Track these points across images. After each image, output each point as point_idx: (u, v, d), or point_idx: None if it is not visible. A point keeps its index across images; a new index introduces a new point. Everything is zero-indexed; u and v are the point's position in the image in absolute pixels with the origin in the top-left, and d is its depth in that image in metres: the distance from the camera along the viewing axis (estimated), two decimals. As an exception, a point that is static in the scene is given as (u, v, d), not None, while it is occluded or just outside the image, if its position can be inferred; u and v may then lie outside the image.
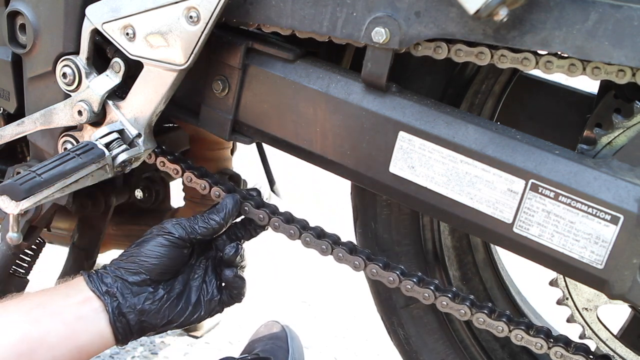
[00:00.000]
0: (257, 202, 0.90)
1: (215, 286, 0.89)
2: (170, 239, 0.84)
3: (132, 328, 0.82)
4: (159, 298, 0.83)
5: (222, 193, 0.90)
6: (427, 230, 0.95)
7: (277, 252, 2.08)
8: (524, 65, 0.71)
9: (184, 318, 0.86)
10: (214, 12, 0.77)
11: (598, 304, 0.80)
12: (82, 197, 1.03)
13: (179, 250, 0.84)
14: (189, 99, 0.90)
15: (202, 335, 1.68)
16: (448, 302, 0.81)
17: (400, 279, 0.83)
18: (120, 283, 0.82)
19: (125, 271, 0.82)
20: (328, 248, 0.86)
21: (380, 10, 0.73)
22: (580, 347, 0.79)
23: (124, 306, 0.81)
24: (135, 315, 0.82)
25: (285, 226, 0.87)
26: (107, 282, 0.81)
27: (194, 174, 0.92)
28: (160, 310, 0.83)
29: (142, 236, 0.86)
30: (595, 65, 0.67)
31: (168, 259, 0.84)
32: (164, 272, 0.84)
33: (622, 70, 0.66)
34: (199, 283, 0.88)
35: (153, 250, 0.83)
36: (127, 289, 0.82)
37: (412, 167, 0.76)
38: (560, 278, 0.81)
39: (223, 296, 0.89)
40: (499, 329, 0.80)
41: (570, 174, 0.68)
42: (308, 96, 0.81)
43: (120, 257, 0.85)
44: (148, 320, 0.83)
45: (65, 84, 0.90)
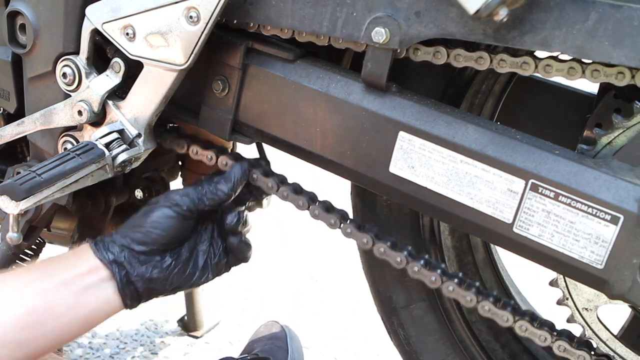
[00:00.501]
0: (266, 171, 0.89)
1: (221, 249, 0.88)
2: (177, 210, 0.83)
3: (140, 295, 0.82)
4: (167, 266, 0.83)
5: (230, 162, 0.88)
6: (427, 230, 0.95)
7: (277, 252, 2.09)
8: (523, 69, 0.71)
9: (192, 281, 0.86)
10: (214, 12, 0.77)
11: (598, 304, 0.80)
12: (82, 197, 1.03)
13: (186, 221, 0.84)
14: (189, 99, 0.90)
15: (202, 335, 1.68)
16: (455, 287, 0.80)
17: (407, 261, 0.82)
18: (127, 252, 0.81)
19: (131, 240, 0.82)
20: (336, 222, 0.85)
21: (380, 10, 0.73)
22: (583, 342, 0.78)
23: (132, 275, 0.81)
24: (143, 283, 0.81)
25: (294, 196, 0.86)
26: (113, 251, 0.81)
27: (199, 147, 0.90)
28: (168, 278, 0.83)
29: (148, 203, 0.85)
30: (594, 68, 0.67)
31: (175, 230, 0.83)
32: (171, 242, 0.83)
33: (621, 73, 0.66)
34: (206, 247, 0.87)
35: (160, 222, 0.82)
36: (134, 258, 0.81)
37: (412, 167, 0.76)
38: (560, 278, 0.81)
39: (229, 258, 0.89)
40: (504, 318, 0.79)
41: (570, 174, 0.68)
42: (308, 96, 0.81)
43: (127, 225, 0.84)
44: (156, 287, 0.83)
45: (65, 84, 0.90)
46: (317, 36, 0.79)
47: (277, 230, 2.17)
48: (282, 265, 2.07)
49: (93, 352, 1.59)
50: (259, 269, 1.95)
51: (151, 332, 1.69)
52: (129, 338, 1.66)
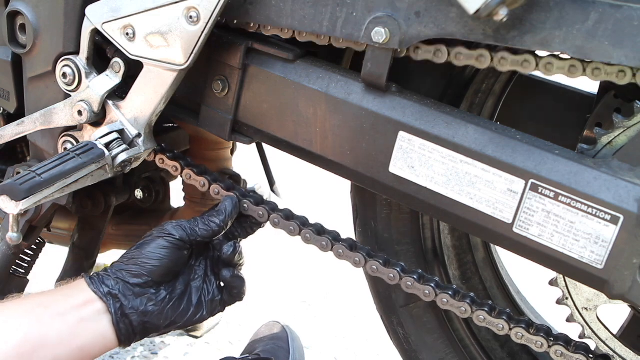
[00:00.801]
0: (257, 200, 0.90)
1: (215, 286, 0.89)
2: (171, 240, 0.84)
3: (135, 329, 0.82)
4: (162, 299, 0.83)
5: (222, 191, 0.90)
6: (427, 229, 0.95)
7: (277, 252, 2.08)
8: (524, 67, 0.71)
9: (186, 318, 0.86)
10: (213, 12, 0.77)
11: (598, 303, 0.80)
12: (82, 197, 1.03)
13: (179, 251, 0.84)
14: (189, 99, 0.90)
15: (202, 335, 1.69)
16: (449, 299, 0.81)
17: (400, 276, 0.83)
18: (122, 285, 0.81)
19: (126, 273, 0.82)
20: (328, 244, 0.86)
21: (380, 10, 0.73)
22: (581, 345, 0.79)
23: (127, 308, 0.81)
24: (138, 316, 0.82)
25: (285, 222, 0.88)
26: (108, 284, 0.81)
27: (193, 172, 0.92)
28: (163, 312, 0.83)
29: (142, 238, 0.86)
30: (595, 66, 0.67)
31: (169, 261, 0.84)
32: (165, 273, 0.84)
33: (622, 71, 0.66)
34: (200, 284, 0.88)
35: (154, 252, 0.83)
36: (129, 290, 0.82)
37: (412, 167, 0.76)
38: (560, 278, 0.81)
39: (224, 296, 0.89)
40: (499, 327, 0.80)
41: (570, 174, 0.68)
42: (308, 96, 0.81)
43: (121, 259, 0.85)
44: (151, 321, 0.83)
45: (65, 84, 0.90)
46: (318, 36, 0.79)
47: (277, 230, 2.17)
48: (283, 264, 2.07)
49: (93, 352, 1.59)
50: (259, 269, 1.95)
51: (151, 332, 1.69)
52: (129, 338, 1.65)
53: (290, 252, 2.11)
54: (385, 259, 0.85)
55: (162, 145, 0.94)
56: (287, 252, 2.11)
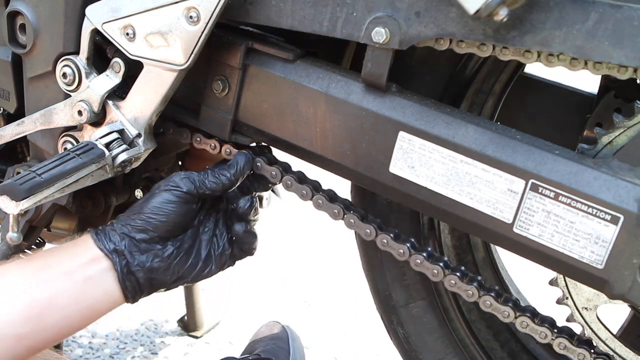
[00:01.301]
0: (270, 159, 0.89)
1: (226, 239, 0.86)
2: (178, 194, 0.81)
3: (141, 286, 0.80)
4: (168, 255, 0.81)
5: (234, 151, 0.88)
6: (427, 229, 0.95)
7: (277, 252, 2.09)
8: (526, 57, 0.70)
9: (195, 273, 0.84)
10: (213, 12, 0.77)
11: (598, 303, 0.80)
12: (82, 197, 1.03)
13: (187, 205, 0.82)
14: (189, 99, 0.90)
15: (202, 335, 1.69)
16: (456, 281, 0.81)
17: (410, 252, 0.82)
18: (127, 241, 0.79)
19: (132, 228, 0.80)
20: (340, 212, 0.85)
21: (380, 10, 0.73)
22: (584, 340, 0.79)
23: (132, 265, 0.79)
24: (144, 273, 0.79)
25: (297, 185, 0.86)
26: (114, 240, 0.79)
27: (202, 135, 0.90)
28: (169, 267, 0.81)
29: (151, 190, 0.83)
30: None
31: (176, 215, 0.81)
32: (172, 228, 0.81)
33: (623, 66, 0.66)
34: (209, 237, 0.85)
35: (160, 207, 0.80)
36: (135, 246, 0.79)
37: (412, 167, 0.76)
38: (560, 277, 0.81)
39: (234, 250, 0.87)
40: (505, 313, 0.79)
41: (570, 174, 0.68)
42: (308, 96, 0.81)
43: (127, 213, 0.82)
44: (157, 277, 0.81)
45: (65, 84, 0.90)
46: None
47: (278, 229, 2.18)
48: (283, 264, 2.07)
49: (93, 352, 1.60)
50: (259, 269, 1.95)
51: (151, 332, 1.69)
52: (129, 338, 1.66)
53: (290, 252, 2.12)
54: (397, 234, 0.84)
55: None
56: (287, 252, 2.11)
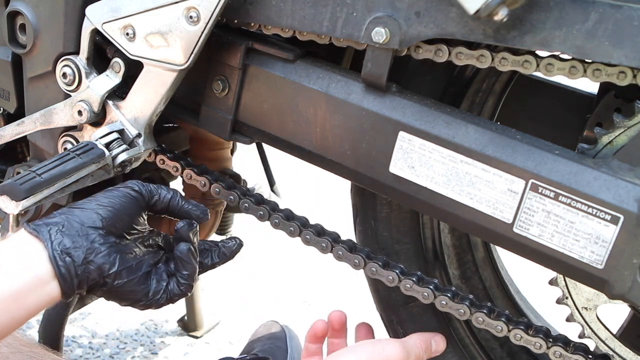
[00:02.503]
0: (258, 199, 0.90)
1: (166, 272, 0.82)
2: (129, 192, 0.79)
3: (76, 270, 0.71)
4: (111, 242, 0.75)
5: (223, 190, 0.90)
6: (427, 228, 0.96)
7: (277, 253, 2.09)
8: (525, 67, 0.71)
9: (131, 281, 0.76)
10: (213, 12, 0.77)
11: (598, 303, 0.80)
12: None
13: (136, 204, 0.79)
14: (189, 99, 0.90)
15: (202, 335, 1.69)
16: (447, 301, 0.81)
17: (399, 278, 0.83)
18: (65, 220, 0.73)
19: (79, 210, 0.75)
20: (328, 246, 0.86)
21: (380, 10, 0.73)
22: (579, 346, 0.79)
23: (69, 241, 0.71)
24: (82, 252, 0.71)
25: (285, 223, 0.87)
26: (52, 221, 0.73)
27: (193, 172, 0.92)
28: (110, 254, 0.74)
29: None
30: (596, 67, 0.67)
31: (123, 209, 0.77)
32: (117, 222, 0.76)
33: (622, 72, 0.66)
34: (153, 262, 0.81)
35: (109, 199, 0.77)
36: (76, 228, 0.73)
37: (412, 167, 0.76)
38: (559, 277, 0.81)
39: (171, 283, 0.81)
40: (497, 328, 0.80)
41: (570, 174, 0.68)
42: (308, 96, 0.81)
43: (74, 202, 0.79)
44: (96, 261, 0.72)
45: (65, 84, 0.90)
46: (318, 35, 0.79)
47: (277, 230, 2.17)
48: (282, 264, 2.07)
49: (93, 352, 1.60)
50: (259, 269, 1.95)
51: (151, 332, 1.69)
52: (129, 338, 1.66)
53: (290, 252, 2.11)
54: (385, 261, 0.86)
55: (162, 146, 0.94)
56: (287, 252, 2.11)
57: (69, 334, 1.64)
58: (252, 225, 1.68)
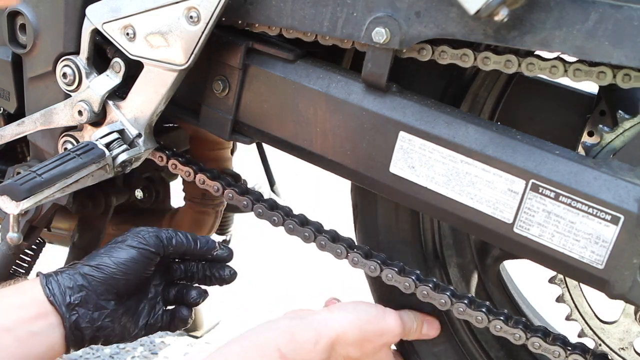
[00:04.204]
0: (271, 204, 0.89)
1: (161, 312, 0.85)
2: (146, 253, 0.80)
3: (84, 341, 0.77)
4: (118, 316, 0.79)
5: (236, 195, 0.89)
6: (427, 228, 0.95)
7: (277, 253, 2.09)
8: (507, 67, 0.71)
9: (126, 337, 0.81)
10: (214, 12, 0.77)
11: (631, 339, 0.80)
12: (82, 197, 1.03)
13: (150, 264, 0.81)
14: (189, 99, 0.90)
15: (202, 335, 1.69)
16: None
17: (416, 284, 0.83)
18: (84, 294, 0.76)
19: (92, 279, 0.77)
20: (343, 252, 0.85)
21: (381, 10, 0.73)
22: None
23: (83, 321, 0.75)
24: (91, 330, 0.77)
25: (299, 229, 0.87)
26: (67, 291, 0.75)
27: (206, 176, 0.91)
28: (114, 328, 0.79)
29: (114, 241, 0.81)
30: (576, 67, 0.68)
31: (139, 274, 0.80)
32: (131, 287, 0.80)
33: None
34: (150, 308, 0.84)
35: (127, 264, 0.78)
36: (91, 302, 0.76)
37: (413, 167, 0.76)
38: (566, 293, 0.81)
39: (163, 323, 0.86)
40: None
41: (571, 174, 0.68)
42: (308, 96, 0.81)
43: (88, 261, 0.79)
44: (100, 336, 0.78)
45: (66, 84, 0.90)
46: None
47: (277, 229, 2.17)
48: (282, 264, 2.07)
49: (93, 352, 1.60)
50: (259, 269, 1.95)
51: (151, 332, 1.69)
52: (129, 338, 1.66)
53: (290, 252, 2.11)
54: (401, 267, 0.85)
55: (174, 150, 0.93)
56: (287, 252, 2.11)
57: (69, 334, 1.64)
58: (252, 225, 1.68)
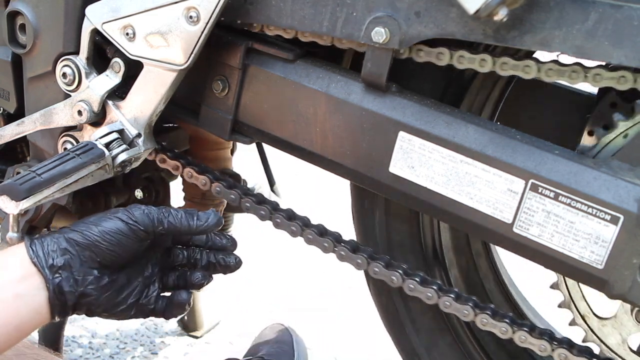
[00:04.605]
0: (259, 198, 0.89)
1: (155, 293, 0.83)
2: (134, 228, 0.77)
3: (67, 307, 0.76)
4: (102, 285, 0.77)
5: (224, 190, 0.89)
6: (427, 229, 0.95)
7: (277, 253, 2.09)
8: (525, 72, 0.71)
9: (113, 312, 0.79)
10: (213, 12, 0.77)
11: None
12: (82, 197, 1.03)
13: (139, 242, 0.78)
14: (189, 99, 0.90)
15: (202, 335, 1.68)
16: (451, 302, 0.81)
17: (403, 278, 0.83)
18: (68, 257, 0.74)
19: (77, 245, 0.75)
20: (330, 246, 0.85)
21: (380, 10, 0.73)
22: (584, 349, 0.79)
23: (66, 284, 0.74)
24: (74, 297, 0.75)
25: (286, 223, 0.87)
26: (51, 254, 0.74)
27: (194, 170, 0.91)
28: (99, 298, 0.77)
29: (106, 211, 0.79)
30: (596, 72, 0.68)
31: (125, 249, 0.77)
32: (116, 260, 0.77)
33: (623, 76, 0.66)
34: (142, 287, 0.82)
35: (112, 235, 0.76)
36: (75, 265, 0.75)
37: (412, 167, 0.76)
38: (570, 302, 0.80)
39: (157, 306, 0.83)
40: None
41: (570, 174, 0.68)
42: (308, 96, 0.81)
43: (74, 227, 0.77)
44: (84, 303, 0.77)
45: (65, 84, 0.90)
46: (320, 37, 0.79)
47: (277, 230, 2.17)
48: (282, 264, 2.07)
49: (93, 352, 1.59)
50: (259, 269, 1.95)
51: (151, 332, 1.69)
52: (129, 338, 1.66)
53: (290, 252, 2.11)
54: (388, 261, 0.85)
55: (163, 144, 0.93)
56: (287, 252, 2.11)
57: (69, 334, 1.64)
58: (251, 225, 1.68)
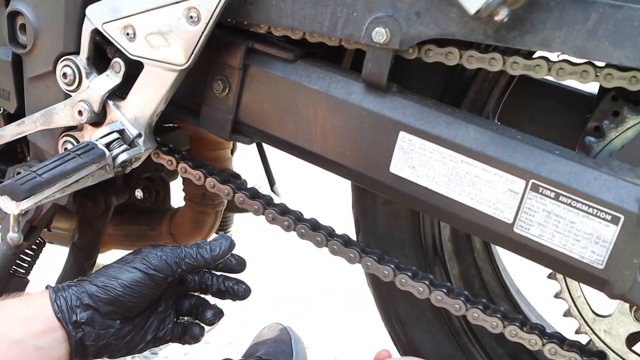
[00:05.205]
0: (252, 193, 0.89)
1: (171, 325, 0.86)
2: (154, 277, 0.80)
3: (88, 357, 0.79)
4: (124, 334, 0.80)
5: (217, 184, 0.89)
6: (427, 228, 0.96)
7: (277, 252, 2.09)
8: (536, 71, 0.71)
9: (131, 351, 0.83)
10: (214, 12, 0.77)
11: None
12: (82, 197, 1.03)
13: (158, 288, 0.81)
14: (189, 99, 0.90)
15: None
16: (442, 296, 0.81)
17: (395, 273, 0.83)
18: (90, 313, 0.77)
19: (98, 300, 0.78)
20: (323, 240, 0.85)
21: (381, 10, 0.73)
22: (574, 344, 0.79)
23: (88, 339, 0.77)
24: (96, 348, 0.78)
25: (280, 218, 0.87)
26: (75, 309, 0.77)
27: (188, 165, 0.90)
28: (119, 345, 0.80)
29: (122, 261, 0.81)
30: (607, 72, 0.67)
31: (146, 298, 0.80)
32: (138, 309, 0.81)
33: (634, 77, 0.66)
34: (159, 322, 0.84)
35: (133, 287, 0.79)
36: (97, 321, 0.77)
37: (413, 167, 0.76)
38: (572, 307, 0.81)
39: (173, 336, 0.86)
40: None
41: (571, 174, 0.68)
42: (308, 96, 0.81)
43: (95, 280, 0.79)
44: (104, 352, 0.80)
45: (66, 84, 0.90)
46: (329, 38, 0.79)
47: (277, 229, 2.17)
48: (282, 264, 2.07)
49: (93, 352, 1.59)
50: (259, 269, 1.95)
51: (151, 332, 1.69)
52: (129, 338, 1.65)
53: (290, 251, 2.11)
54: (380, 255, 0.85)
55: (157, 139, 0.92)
56: (286, 252, 2.11)
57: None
58: (252, 225, 1.68)
